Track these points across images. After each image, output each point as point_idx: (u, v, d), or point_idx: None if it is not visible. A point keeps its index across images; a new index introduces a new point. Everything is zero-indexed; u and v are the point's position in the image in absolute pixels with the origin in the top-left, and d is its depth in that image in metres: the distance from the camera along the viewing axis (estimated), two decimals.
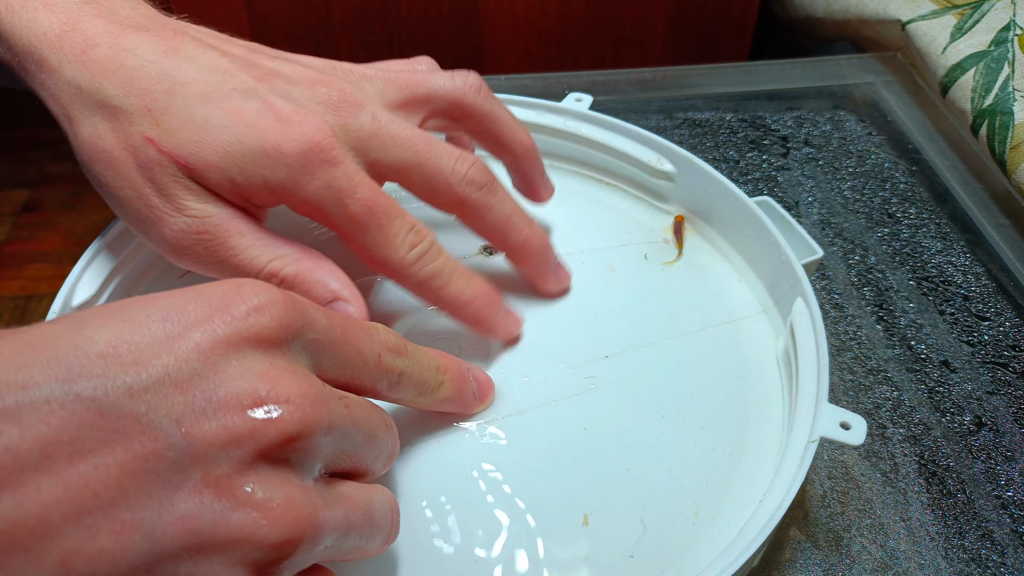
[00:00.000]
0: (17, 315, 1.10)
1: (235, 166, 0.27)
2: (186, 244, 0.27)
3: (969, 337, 0.37)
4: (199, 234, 0.27)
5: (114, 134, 0.27)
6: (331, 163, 0.27)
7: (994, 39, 0.49)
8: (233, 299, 0.20)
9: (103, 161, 0.27)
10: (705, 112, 0.51)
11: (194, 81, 0.27)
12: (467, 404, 0.28)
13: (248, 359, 0.19)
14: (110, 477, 0.17)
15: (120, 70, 0.27)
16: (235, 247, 0.27)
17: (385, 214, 0.28)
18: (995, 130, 0.46)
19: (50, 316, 0.29)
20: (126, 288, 0.33)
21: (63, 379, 0.17)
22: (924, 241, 0.42)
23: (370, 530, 0.22)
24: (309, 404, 0.20)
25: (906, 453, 0.33)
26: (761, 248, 0.34)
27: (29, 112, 1.44)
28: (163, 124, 0.27)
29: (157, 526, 0.17)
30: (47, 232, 1.22)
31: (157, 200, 0.27)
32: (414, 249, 0.28)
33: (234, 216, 0.28)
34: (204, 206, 0.27)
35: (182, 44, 0.28)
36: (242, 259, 0.27)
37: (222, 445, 0.18)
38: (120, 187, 0.27)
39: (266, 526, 0.18)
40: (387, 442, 0.23)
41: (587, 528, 0.26)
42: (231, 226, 0.27)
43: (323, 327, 0.22)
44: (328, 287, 0.28)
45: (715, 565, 0.23)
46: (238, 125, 0.27)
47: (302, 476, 0.20)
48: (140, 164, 0.27)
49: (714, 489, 0.27)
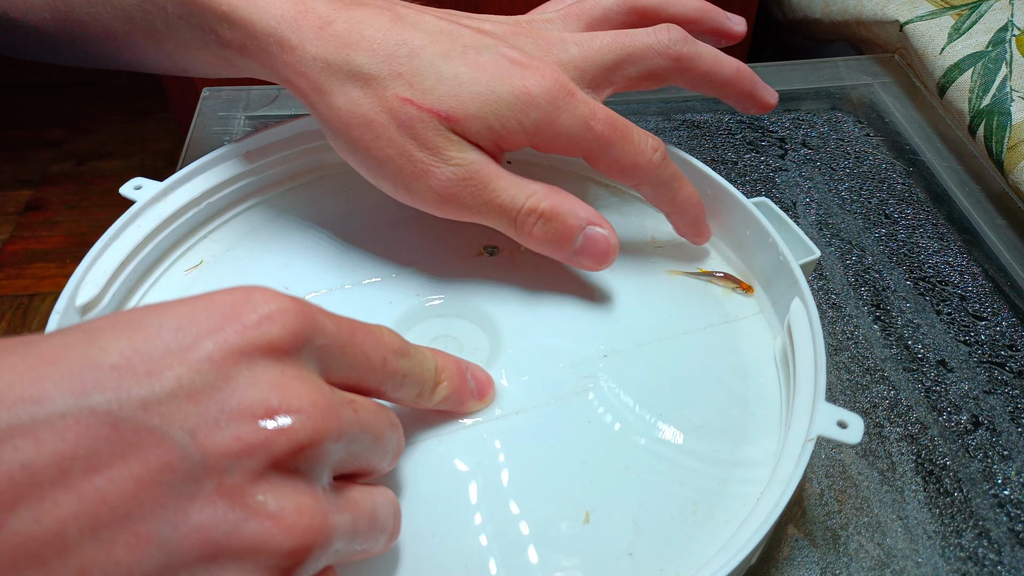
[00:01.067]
0: (20, 314, 1.10)
1: (492, 113, 0.29)
2: (453, 191, 0.30)
3: (966, 337, 0.38)
4: (465, 180, 0.30)
5: (369, 99, 0.29)
6: (571, 95, 0.30)
7: (992, 39, 0.49)
8: (244, 308, 0.20)
9: (362, 125, 0.29)
10: (703, 113, 0.51)
11: (430, 43, 0.30)
12: (466, 403, 0.29)
13: (259, 368, 0.20)
14: (126, 490, 0.17)
15: (362, 40, 0.29)
16: (496, 188, 0.30)
17: (624, 126, 0.31)
18: (992, 130, 0.46)
19: (53, 315, 0.29)
20: (129, 287, 0.33)
21: (77, 393, 0.17)
22: (921, 241, 0.43)
23: (375, 533, 0.22)
24: (320, 413, 0.20)
25: (903, 452, 0.33)
26: (759, 249, 0.34)
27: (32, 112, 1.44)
28: (416, 84, 0.29)
29: (172, 537, 0.18)
30: (50, 231, 1.22)
31: (421, 155, 0.29)
32: (656, 152, 0.31)
33: (490, 161, 0.30)
34: (466, 154, 0.30)
35: (402, 13, 0.31)
36: (504, 199, 0.30)
37: (235, 456, 0.18)
38: (381, 147, 0.30)
39: (279, 534, 0.18)
40: (393, 441, 0.24)
41: (587, 526, 0.26)
42: (490, 170, 0.30)
43: (331, 332, 0.22)
44: (579, 215, 0.31)
45: (713, 562, 0.23)
46: (485, 76, 0.29)
47: (312, 483, 0.20)
48: (400, 123, 0.29)
49: (712, 487, 0.28)
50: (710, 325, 0.33)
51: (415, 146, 0.29)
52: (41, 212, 1.26)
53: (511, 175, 0.31)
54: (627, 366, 0.31)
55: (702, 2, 0.36)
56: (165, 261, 0.35)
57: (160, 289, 0.34)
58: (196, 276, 0.34)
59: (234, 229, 0.36)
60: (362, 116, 0.29)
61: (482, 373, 0.29)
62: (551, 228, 0.31)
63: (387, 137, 0.29)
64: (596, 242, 0.31)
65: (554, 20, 0.34)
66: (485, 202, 0.30)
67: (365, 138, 0.30)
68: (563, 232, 0.31)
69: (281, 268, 0.34)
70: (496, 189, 0.30)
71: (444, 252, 0.35)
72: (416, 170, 0.29)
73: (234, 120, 0.49)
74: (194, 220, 0.36)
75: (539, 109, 0.29)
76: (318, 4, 0.30)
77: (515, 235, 0.31)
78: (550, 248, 0.31)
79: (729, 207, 0.35)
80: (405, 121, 0.29)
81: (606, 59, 0.32)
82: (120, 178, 0.35)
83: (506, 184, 0.30)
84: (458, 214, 0.31)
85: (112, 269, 0.32)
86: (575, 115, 0.30)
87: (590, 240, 0.31)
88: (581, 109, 0.30)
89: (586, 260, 0.32)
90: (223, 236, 0.36)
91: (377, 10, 0.30)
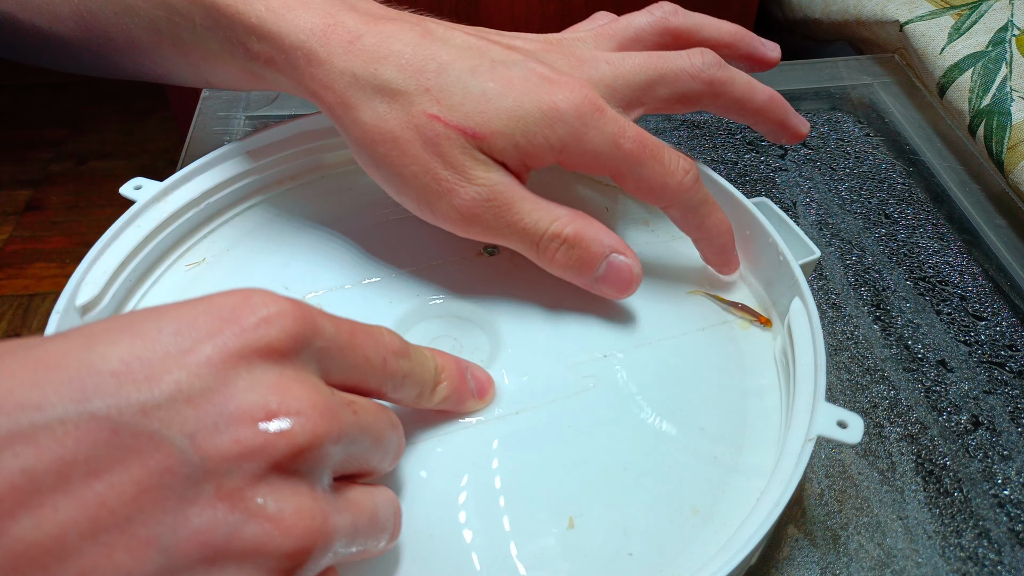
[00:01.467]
0: (20, 314, 1.10)
1: (519, 130, 0.29)
2: (476, 212, 0.29)
3: (966, 337, 0.38)
4: (489, 201, 0.29)
5: (396, 115, 0.29)
6: (600, 111, 0.29)
7: (992, 39, 0.49)
8: (243, 310, 0.20)
9: (388, 141, 0.29)
10: (703, 114, 0.51)
11: (458, 59, 0.29)
12: (466, 403, 0.29)
13: (258, 371, 0.20)
14: (126, 495, 0.17)
15: (391, 55, 0.29)
16: (520, 211, 0.29)
17: (655, 145, 0.30)
18: (992, 130, 0.46)
19: (53, 315, 0.29)
20: (129, 287, 0.33)
21: (77, 399, 0.17)
22: (921, 241, 0.43)
23: (376, 533, 0.22)
24: (319, 415, 0.20)
25: (903, 452, 0.33)
26: (759, 248, 0.34)
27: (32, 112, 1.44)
28: (444, 100, 0.29)
29: (172, 541, 0.18)
30: (50, 231, 1.22)
31: (446, 173, 0.29)
32: (688, 174, 0.31)
33: (514, 182, 0.30)
34: (491, 174, 0.29)
35: (429, 28, 0.30)
36: (527, 222, 0.30)
37: (235, 459, 0.18)
38: (406, 164, 0.29)
39: (278, 537, 0.18)
40: (394, 442, 0.24)
41: (587, 527, 0.26)
42: (515, 192, 0.29)
43: (331, 334, 0.22)
44: (603, 242, 0.30)
45: (713, 563, 0.23)
46: (513, 91, 0.29)
47: (312, 485, 0.20)
48: (426, 140, 0.29)
49: (712, 487, 0.28)
50: (710, 325, 0.33)
51: (440, 164, 0.29)
52: (41, 212, 1.26)
53: (535, 198, 0.30)
54: (627, 366, 0.31)
55: (736, 27, 0.35)
56: (165, 261, 0.35)
57: (160, 289, 0.34)
58: (197, 275, 0.34)
59: (234, 229, 0.36)
60: (388, 132, 0.29)
61: (482, 373, 0.29)
62: (574, 254, 0.30)
63: (412, 154, 0.29)
64: (619, 270, 0.31)
65: (586, 39, 0.34)
66: (508, 224, 0.30)
67: (391, 155, 0.29)
68: (586, 259, 0.30)
69: (281, 268, 0.34)
70: (520, 212, 0.30)
71: (444, 252, 0.35)
72: (440, 189, 0.29)
73: (234, 120, 0.49)
74: (194, 220, 0.36)
75: (566, 125, 0.29)
76: (347, 18, 0.30)
77: (536, 259, 0.31)
78: (572, 274, 0.31)
79: (729, 207, 0.35)
80: (431, 138, 0.29)
81: (638, 79, 0.31)
82: (120, 178, 0.35)
83: (530, 207, 0.30)
84: (481, 234, 0.30)
85: (112, 269, 0.32)
86: (604, 132, 0.29)
87: (613, 268, 0.31)
88: (610, 126, 0.29)
89: (607, 288, 0.31)
90: (223, 236, 0.36)
91: (406, 25, 0.30)
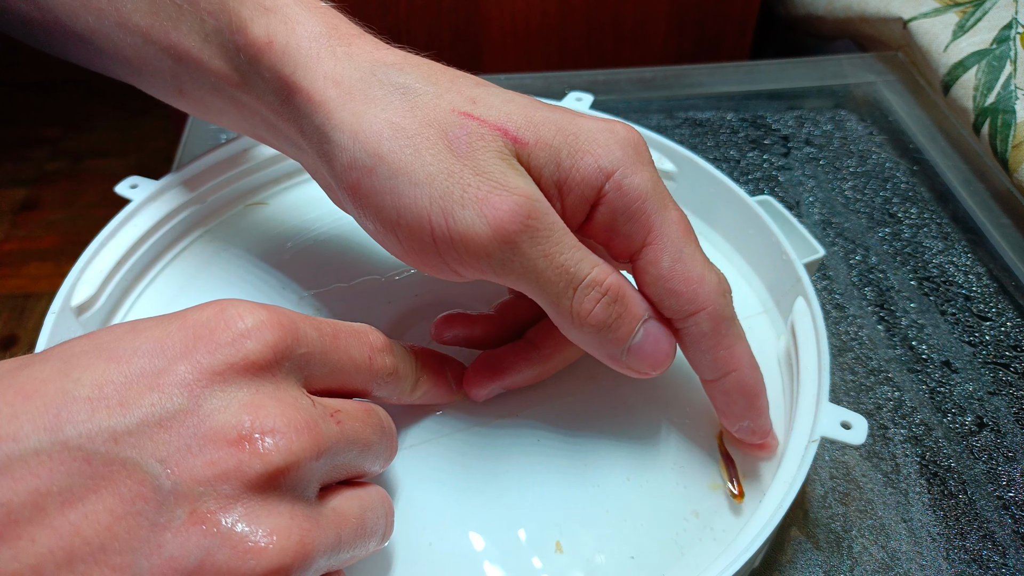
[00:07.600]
0: (16, 314, 1.09)
1: (566, 145, 0.24)
2: (509, 229, 0.23)
3: (970, 337, 0.37)
4: (528, 218, 0.23)
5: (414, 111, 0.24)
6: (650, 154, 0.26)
7: (996, 37, 0.48)
8: (217, 326, 0.20)
9: (398, 138, 0.24)
10: (706, 111, 0.51)
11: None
12: (445, 395, 0.28)
13: (232, 388, 0.19)
14: (99, 523, 0.18)
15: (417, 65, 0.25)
16: (561, 242, 0.24)
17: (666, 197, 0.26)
18: (997, 129, 0.46)
19: (49, 315, 0.29)
20: (125, 287, 0.33)
21: (51, 428, 0.18)
22: (925, 241, 0.42)
23: (364, 540, 0.22)
24: (295, 433, 0.20)
25: (907, 453, 0.33)
26: (762, 247, 0.34)
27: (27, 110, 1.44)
28: (481, 101, 0.24)
29: (146, 567, 0.18)
30: (45, 231, 1.22)
31: (474, 179, 0.23)
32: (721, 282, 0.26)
33: (552, 208, 0.24)
34: (530, 187, 0.24)
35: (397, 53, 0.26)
36: (567, 258, 0.24)
37: (208, 482, 0.18)
38: (419, 165, 0.24)
39: (252, 560, 0.18)
40: (383, 446, 0.23)
41: (587, 530, 0.26)
42: (556, 218, 0.24)
43: (313, 339, 0.22)
44: (642, 304, 0.25)
45: (716, 565, 0.23)
46: (566, 111, 0.25)
47: (293, 501, 0.20)
48: (452, 140, 0.24)
49: (715, 489, 0.27)
50: None
51: (467, 168, 0.23)
52: (36, 211, 1.25)
53: (573, 234, 0.24)
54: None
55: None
56: (161, 260, 0.34)
57: (156, 289, 0.34)
58: (193, 273, 0.34)
59: (231, 228, 0.36)
60: (399, 127, 0.24)
61: (457, 365, 0.29)
62: (613, 311, 0.24)
63: (431, 154, 0.23)
64: (657, 341, 0.25)
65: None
66: (544, 254, 0.23)
67: (397, 153, 0.23)
68: (625, 319, 0.25)
69: (278, 266, 0.34)
70: (561, 243, 0.24)
71: None
72: (465, 196, 0.23)
73: None
74: (190, 219, 0.35)
75: (623, 151, 0.24)
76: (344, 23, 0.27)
77: (562, 309, 0.24)
78: (603, 337, 0.25)
79: (732, 206, 0.35)
80: (459, 137, 0.24)
81: None
82: (116, 177, 0.35)
83: (572, 242, 0.24)
84: (503, 265, 0.24)
85: (108, 268, 0.31)
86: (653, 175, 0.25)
87: (651, 337, 0.25)
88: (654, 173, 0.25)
89: (638, 362, 0.25)
90: (220, 235, 0.36)
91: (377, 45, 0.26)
